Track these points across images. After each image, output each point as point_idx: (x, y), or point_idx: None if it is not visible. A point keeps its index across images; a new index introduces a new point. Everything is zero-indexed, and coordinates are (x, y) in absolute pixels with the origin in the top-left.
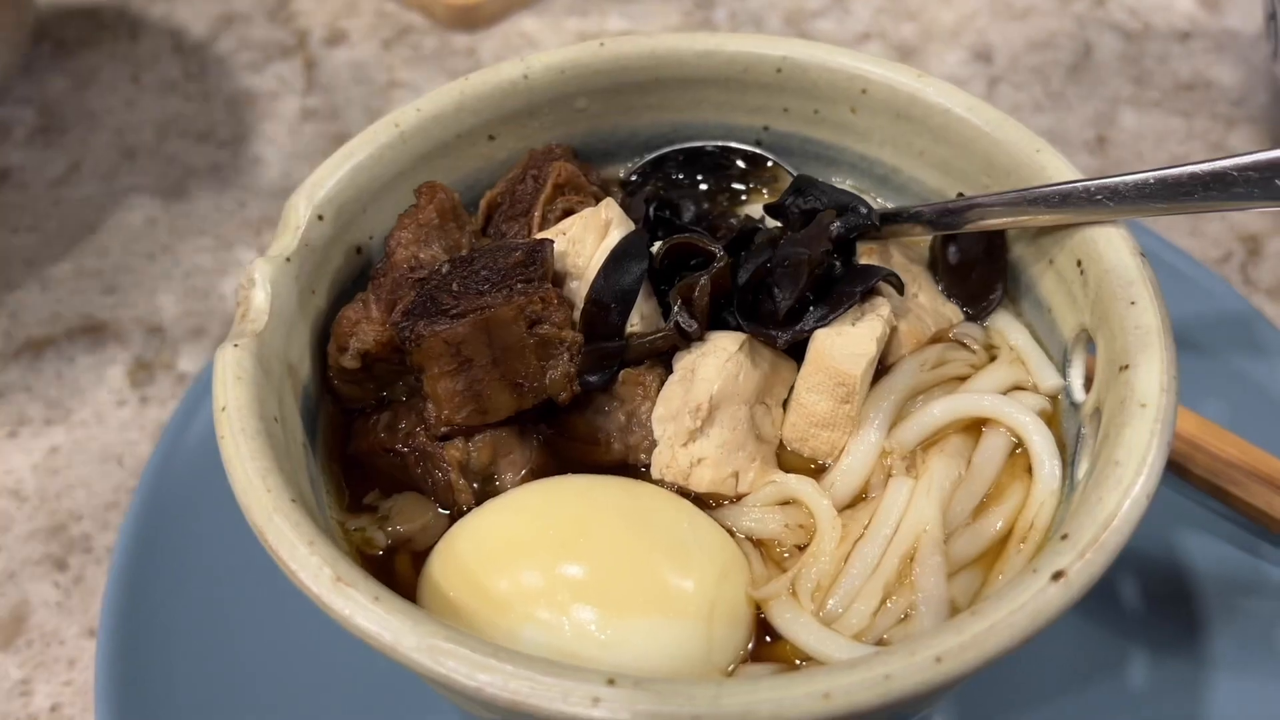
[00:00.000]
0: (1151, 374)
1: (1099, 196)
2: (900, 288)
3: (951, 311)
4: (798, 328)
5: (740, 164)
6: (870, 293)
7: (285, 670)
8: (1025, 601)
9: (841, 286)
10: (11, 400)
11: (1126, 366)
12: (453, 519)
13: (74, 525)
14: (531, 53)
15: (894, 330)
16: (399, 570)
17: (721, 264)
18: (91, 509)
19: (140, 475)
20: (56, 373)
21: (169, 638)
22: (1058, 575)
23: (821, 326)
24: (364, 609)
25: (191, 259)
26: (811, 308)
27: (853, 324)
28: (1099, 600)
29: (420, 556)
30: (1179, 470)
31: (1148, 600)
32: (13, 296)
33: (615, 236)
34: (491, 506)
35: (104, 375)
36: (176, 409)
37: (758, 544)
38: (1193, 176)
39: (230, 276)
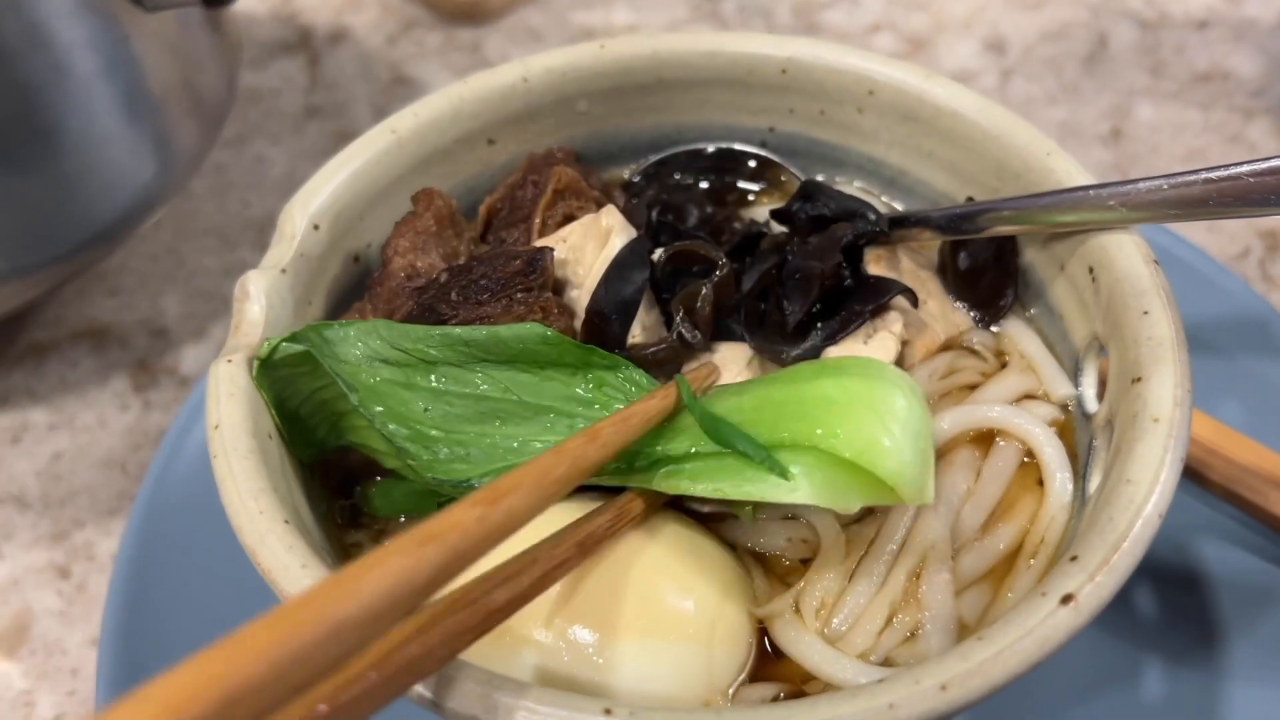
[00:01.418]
0: (1164, 388)
1: (1111, 202)
2: (915, 302)
3: (961, 318)
4: (806, 345)
5: (745, 165)
6: (881, 309)
7: None
8: (1033, 626)
9: (852, 303)
10: (15, 405)
11: (1139, 379)
12: None
13: (77, 533)
14: (537, 47)
15: (905, 344)
16: None
17: (724, 272)
18: (95, 516)
19: (142, 482)
20: (60, 377)
21: (170, 647)
22: (1067, 599)
23: (831, 345)
24: None
25: (195, 260)
26: (820, 322)
27: (864, 342)
28: (1114, 609)
29: None
30: (1195, 477)
31: (1163, 609)
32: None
33: (616, 244)
34: None
35: (107, 379)
36: (177, 415)
37: (760, 559)
38: (1207, 182)
39: (234, 277)
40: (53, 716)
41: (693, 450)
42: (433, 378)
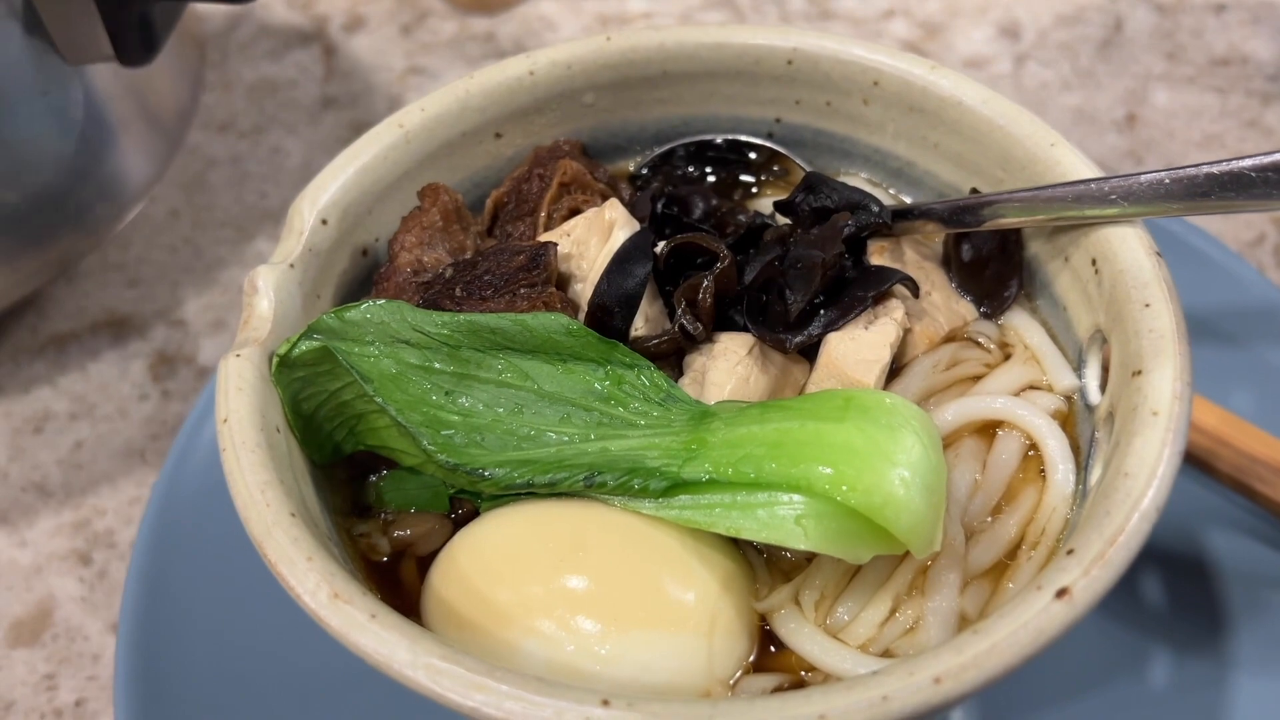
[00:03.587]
0: (1164, 381)
1: (1113, 196)
2: (915, 291)
3: (965, 309)
4: (808, 331)
5: (751, 157)
6: (883, 296)
7: (303, 668)
8: (1028, 620)
9: (854, 290)
10: (37, 395)
11: (1139, 372)
12: (456, 524)
13: (98, 520)
14: (551, 36)
15: (907, 331)
16: (405, 577)
17: (725, 264)
18: (115, 504)
19: (160, 471)
20: (81, 367)
21: (188, 633)
22: (1062, 592)
23: (833, 330)
24: (359, 626)
25: (213, 251)
26: (822, 310)
27: (865, 328)
28: (1121, 598)
29: (425, 561)
30: (1204, 466)
31: (1171, 598)
32: (38, 291)
33: (619, 238)
34: (492, 517)
35: (127, 369)
36: (195, 405)
37: (764, 553)
38: (1209, 177)
39: (251, 268)
40: (74, 701)
41: (709, 479)
42: (454, 363)
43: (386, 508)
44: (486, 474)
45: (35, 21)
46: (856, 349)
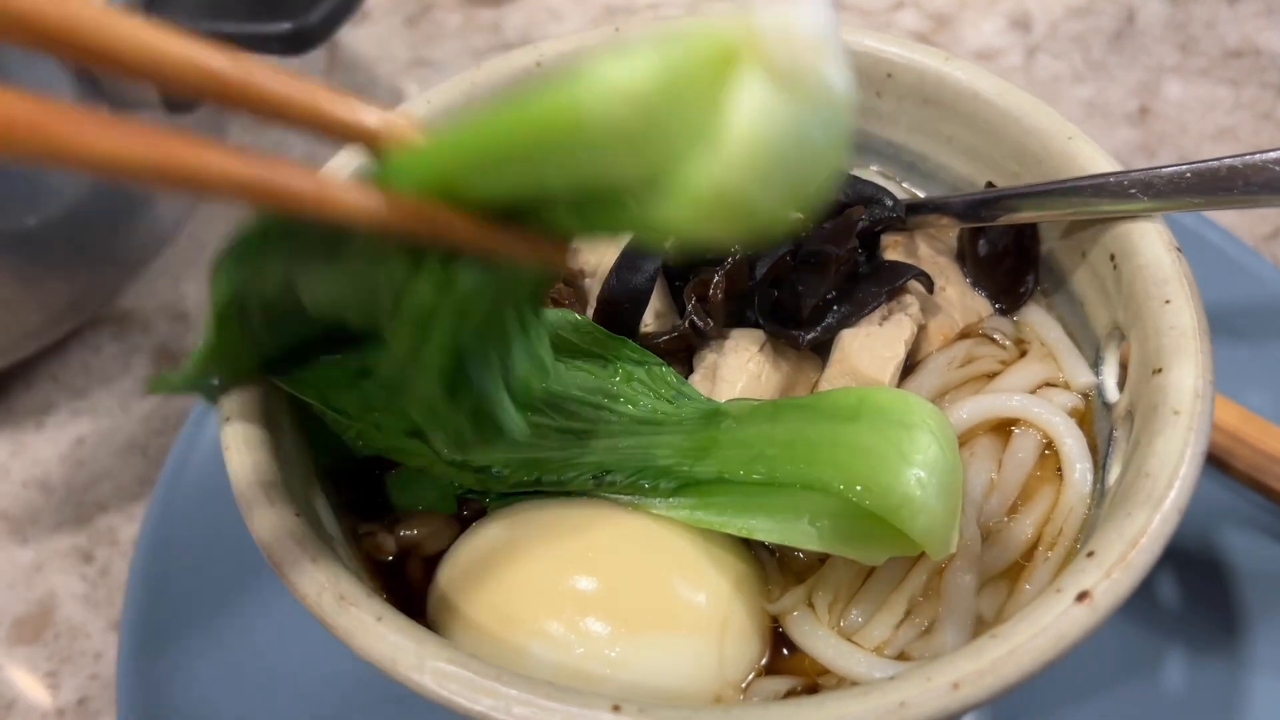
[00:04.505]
0: (1185, 379)
1: (1132, 190)
2: (930, 286)
3: (980, 305)
4: (821, 327)
5: None
6: (898, 291)
7: (306, 668)
8: (1048, 624)
9: (868, 286)
10: (39, 390)
11: (1160, 370)
12: (463, 524)
13: (100, 517)
14: (557, 26)
15: (921, 327)
16: (411, 577)
17: (736, 259)
18: (117, 501)
19: (163, 467)
20: (83, 362)
21: (191, 632)
22: (1082, 596)
23: (847, 327)
24: (365, 628)
25: (215, 244)
26: (835, 306)
27: (879, 324)
28: (1135, 598)
29: (431, 561)
30: (1220, 464)
31: (1186, 598)
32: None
33: None
34: (499, 517)
35: (129, 364)
36: (197, 400)
37: (776, 554)
38: (1231, 170)
39: None
40: (76, 700)
41: (720, 478)
42: None
43: (393, 507)
44: (494, 471)
45: (85, 69)
46: (871, 345)
